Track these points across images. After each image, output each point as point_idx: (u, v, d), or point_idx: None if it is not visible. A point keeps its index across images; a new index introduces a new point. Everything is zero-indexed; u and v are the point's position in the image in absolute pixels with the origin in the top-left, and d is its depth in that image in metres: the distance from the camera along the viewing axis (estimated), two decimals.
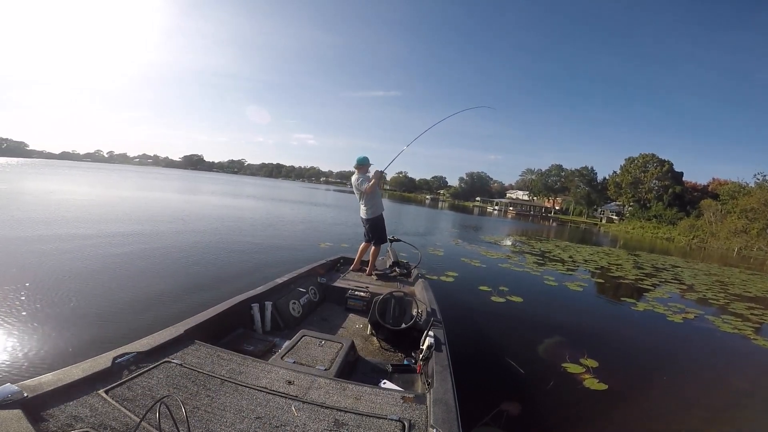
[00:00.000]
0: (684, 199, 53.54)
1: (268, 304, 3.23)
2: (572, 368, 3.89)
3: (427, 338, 2.70)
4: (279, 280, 3.74)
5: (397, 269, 5.05)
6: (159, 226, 10.02)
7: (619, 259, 14.75)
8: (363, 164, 5.00)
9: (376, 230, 5.16)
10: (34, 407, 1.41)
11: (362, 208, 5.18)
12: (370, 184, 4.93)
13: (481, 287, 6.93)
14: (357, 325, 3.66)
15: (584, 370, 3.87)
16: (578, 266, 11.45)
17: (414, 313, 3.29)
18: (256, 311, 3.13)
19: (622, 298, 7.81)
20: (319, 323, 3.60)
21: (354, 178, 5.05)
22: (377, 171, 5.07)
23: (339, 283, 4.40)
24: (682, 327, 6.21)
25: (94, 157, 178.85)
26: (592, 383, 3.61)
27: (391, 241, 5.79)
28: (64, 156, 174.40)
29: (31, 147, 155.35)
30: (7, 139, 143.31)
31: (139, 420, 1.41)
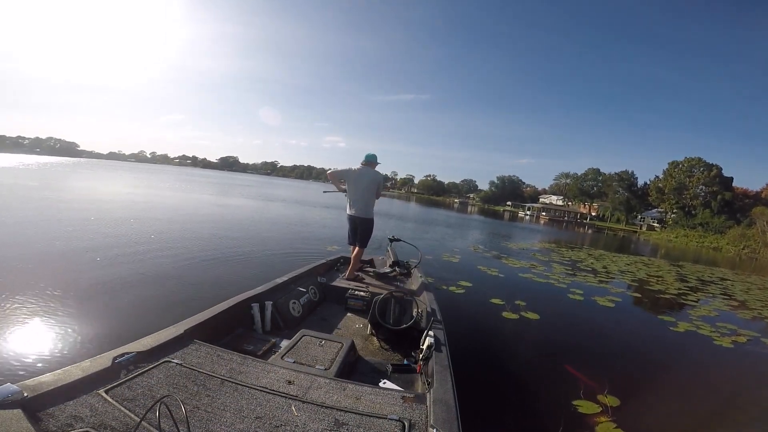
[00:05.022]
0: (734, 206, 50.25)
1: (268, 304, 3.20)
2: (585, 407, 3.20)
3: (427, 338, 2.67)
4: (279, 280, 3.71)
5: (397, 269, 4.97)
6: (179, 226, 10.02)
7: (660, 270, 13.53)
8: (372, 161, 4.85)
9: (366, 232, 4.80)
10: (34, 407, 1.40)
11: (359, 205, 4.71)
12: (384, 187, 4.82)
13: (493, 300, 6.26)
14: (357, 325, 3.64)
15: (600, 410, 3.18)
16: (612, 278, 10.44)
17: (414, 313, 3.26)
18: (256, 311, 3.11)
19: (660, 316, 6.90)
20: (319, 323, 3.57)
21: (371, 170, 4.79)
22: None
23: (339, 283, 4.34)
24: (732, 353, 5.31)
25: (138, 158, 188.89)
26: (607, 429, 2.93)
27: (391, 240, 5.68)
28: (111, 156, 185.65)
29: (81, 147, 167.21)
30: (60, 139, 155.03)
31: (139, 420, 1.40)
